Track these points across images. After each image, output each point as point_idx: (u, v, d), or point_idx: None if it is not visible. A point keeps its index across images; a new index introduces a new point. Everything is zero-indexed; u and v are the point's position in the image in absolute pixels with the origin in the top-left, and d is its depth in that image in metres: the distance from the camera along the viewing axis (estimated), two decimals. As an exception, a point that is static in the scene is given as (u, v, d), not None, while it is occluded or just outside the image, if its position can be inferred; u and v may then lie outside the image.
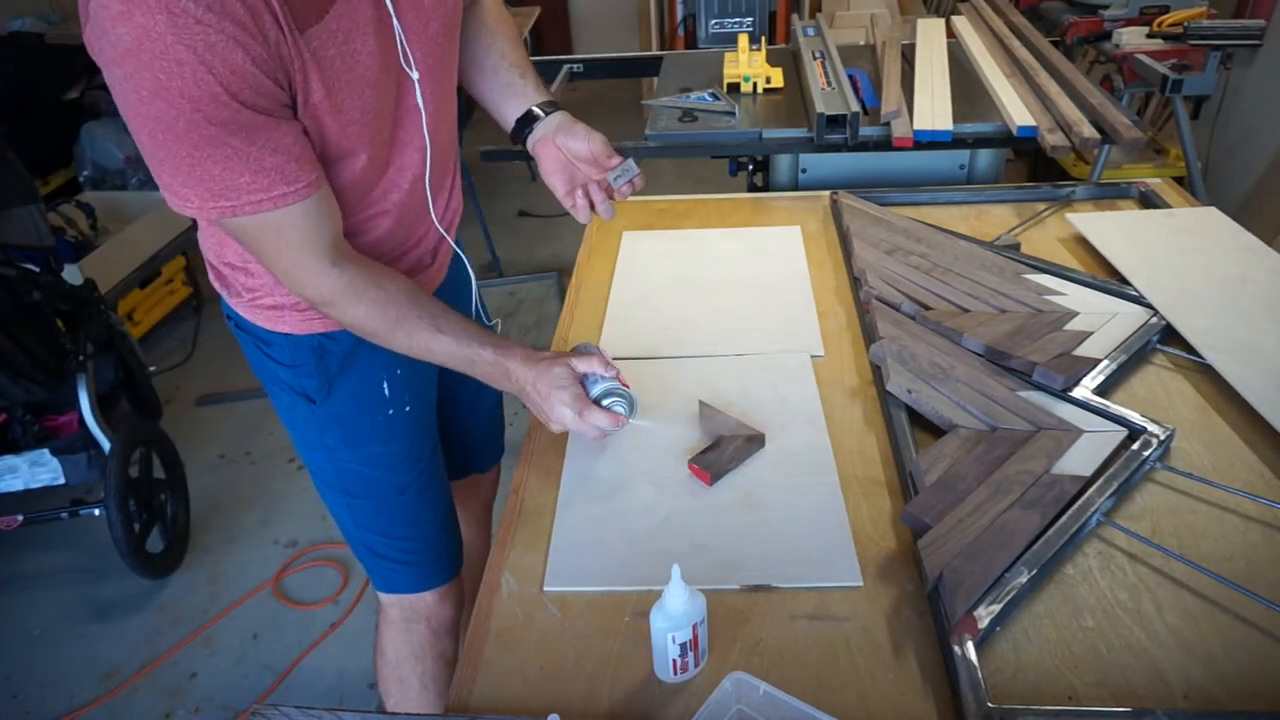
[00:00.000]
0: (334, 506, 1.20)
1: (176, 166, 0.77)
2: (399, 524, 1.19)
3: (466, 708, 0.79)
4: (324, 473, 1.16)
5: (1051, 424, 1.04)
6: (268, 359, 1.09)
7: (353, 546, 1.23)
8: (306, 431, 1.13)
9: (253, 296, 1.05)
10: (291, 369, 1.08)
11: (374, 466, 1.14)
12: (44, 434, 2.08)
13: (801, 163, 1.88)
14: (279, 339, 1.07)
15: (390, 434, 1.14)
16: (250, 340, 1.10)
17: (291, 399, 1.10)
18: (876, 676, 0.79)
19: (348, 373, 1.08)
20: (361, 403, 1.11)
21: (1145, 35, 2.43)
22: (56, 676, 1.97)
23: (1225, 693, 0.76)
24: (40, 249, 2.06)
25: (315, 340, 1.06)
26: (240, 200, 0.81)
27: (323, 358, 1.07)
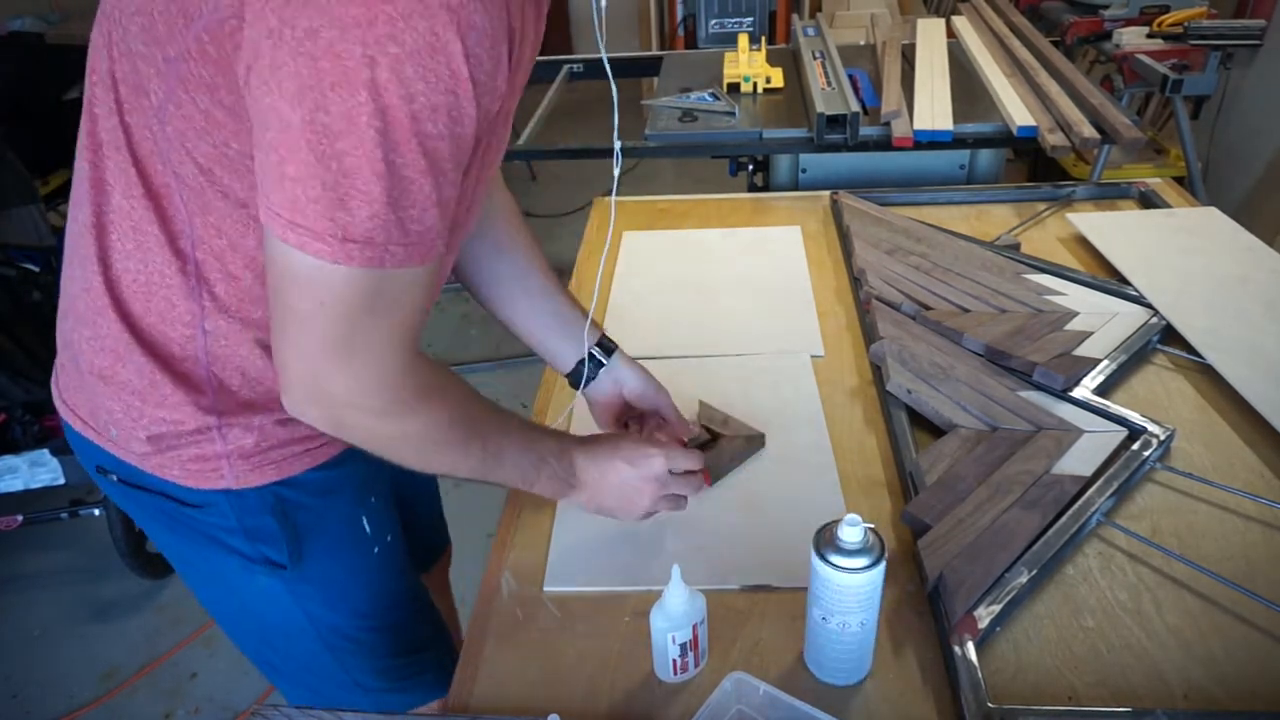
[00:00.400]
0: (306, 667, 0.96)
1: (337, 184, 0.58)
2: (396, 655, 1.00)
3: (466, 708, 0.79)
4: (299, 638, 0.93)
5: (1051, 424, 1.04)
6: (195, 524, 0.83)
7: (328, 695, 0.99)
8: (268, 602, 0.89)
9: (161, 440, 0.78)
10: (240, 533, 0.84)
11: (364, 615, 0.95)
12: (44, 434, 2.08)
13: (801, 163, 1.88)
14: (215, 498, 0.81)
15: (380, 575, 0.96)
16: (156, 502, 0.82)
17: (241, 567, 0.85)
18: (876, 676, 0.79)
19: (321, 522, 0.87)
20: (343, 551, 0.91)
21: (1145, 35, 2.43)
22: (56, 676, 1.97)
23: (1225, 693, 0.76)
24: (40, 249, 2.06)
25: (269, 494, 0.82)
26: (390, 247, 0.61)
27: (284, 513, 0.84)
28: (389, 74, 0.55)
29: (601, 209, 1.73)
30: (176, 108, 0.65)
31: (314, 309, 0.63)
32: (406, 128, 0.58)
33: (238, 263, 0.73)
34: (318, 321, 0.64)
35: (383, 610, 0.97)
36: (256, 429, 0.80)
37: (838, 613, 0.73)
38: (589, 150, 1.99)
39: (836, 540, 0.71)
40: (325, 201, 0.58)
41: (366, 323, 0.65)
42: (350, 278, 0.62)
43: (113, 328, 0.76)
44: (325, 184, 0.58)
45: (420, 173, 0.60)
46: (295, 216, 0.59)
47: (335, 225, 0.59)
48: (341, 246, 0.60)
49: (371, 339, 0.66)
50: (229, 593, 0.91)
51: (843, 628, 0.74)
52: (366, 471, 0.92)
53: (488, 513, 1.25)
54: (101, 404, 0.80)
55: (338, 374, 0.67)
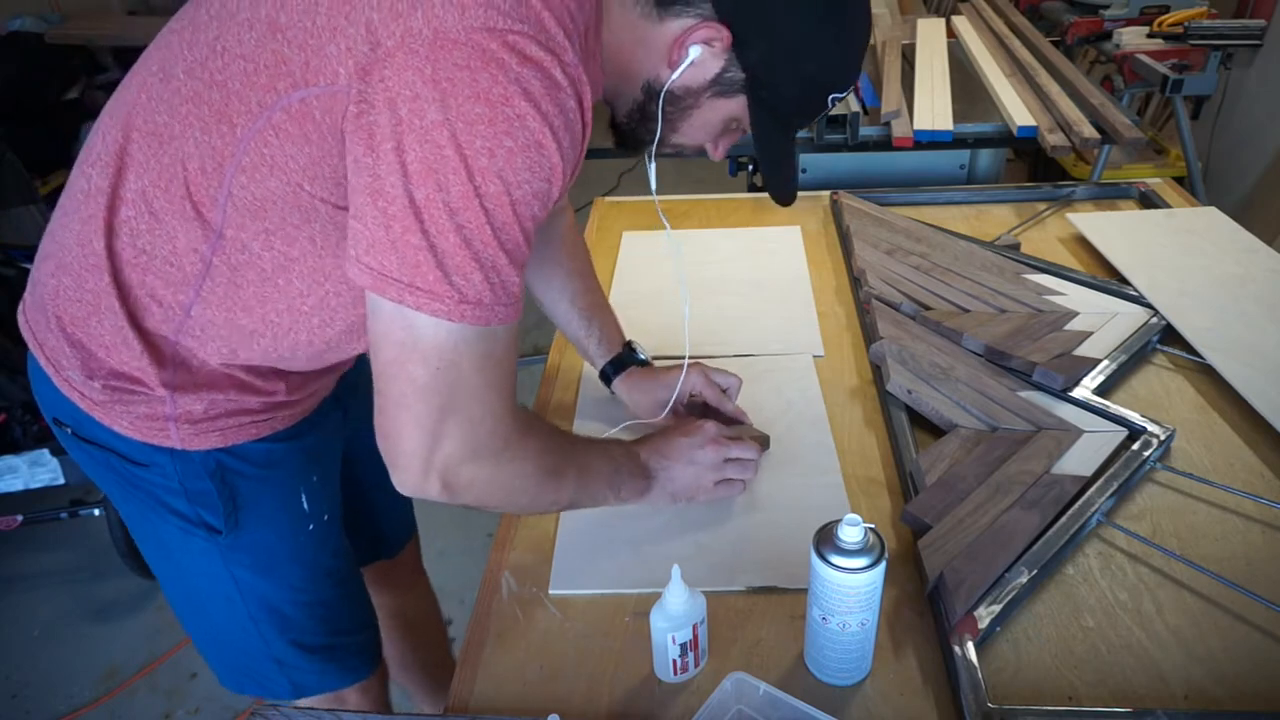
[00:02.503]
0: (227, 636, 0.99)
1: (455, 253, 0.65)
2: (319, 635, 1.01)
3: (466, 708, 0.79)
4: (229, 604, 0.95)
5: (1051, 424, 1.04)
6: (140, 482, 0.87)
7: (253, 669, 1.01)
8: (203, 567, 0.92)
9: (115, 393, 0.81)
10: (181, 494, 0.87)
11: (293, 589, 0.97)
12: (44, 434, 2.08)
13: (801, 163, 1.88)
14: (159, 457, 0.84)
15: (313, 551, 0.98)
16: (106, 458, 0.86)
17: (177, 528, 0.89)
18: (876, 676, 0.79)
19: (260, 492, 0.90)
20: (278, 523, 0.93)
21: (1145, 35, 2.43)
22: (56, 676, 1.97)
23: (1225, 693, 0.76)
24: (40, 249, 2.06)
25: (212, 459, 0.86)
26: (496, 308, 0.68)
27: (224, 479, 0.87)
28: (504, 164, 0.64)
29: (602, 209, 1.73)
30: (261, 147, 0.69)
31: (430, 371, 0.69)
32: (510, 210, 0.66)
33: (252, 279, 0.77)
34: (434, 381, 0.69)
35: (311, 586, 0.99)
36: (206, 399, 0.84)
37: (838, 613, 0.73)
38: (589, 150, 1.99)
39: (836, 540, 0.71)
40: (439, 265, 0.65)
41: (476, 381, 0.71)
42: (465, 337, 0.68)
43: (100, 284, 0.78)
44: (443, 253, 0.65)
45: (518, 245, 0.68)
46: (416, 280, 0.65)
47: (453, 289, 0.66)
48: (458, 307, 0.66)
49: (481, 396, 0.72)
50: (167, 555, 0.94)
51: (843, 628, 0.74)
52: (312, 449, 0.95)
53: (488, 513, 1.25)
54: (63, 347, 0.82)
55: (451, 436, 0.72)
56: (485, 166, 0.63)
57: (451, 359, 0.69)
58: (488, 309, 0.68)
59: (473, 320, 0.67)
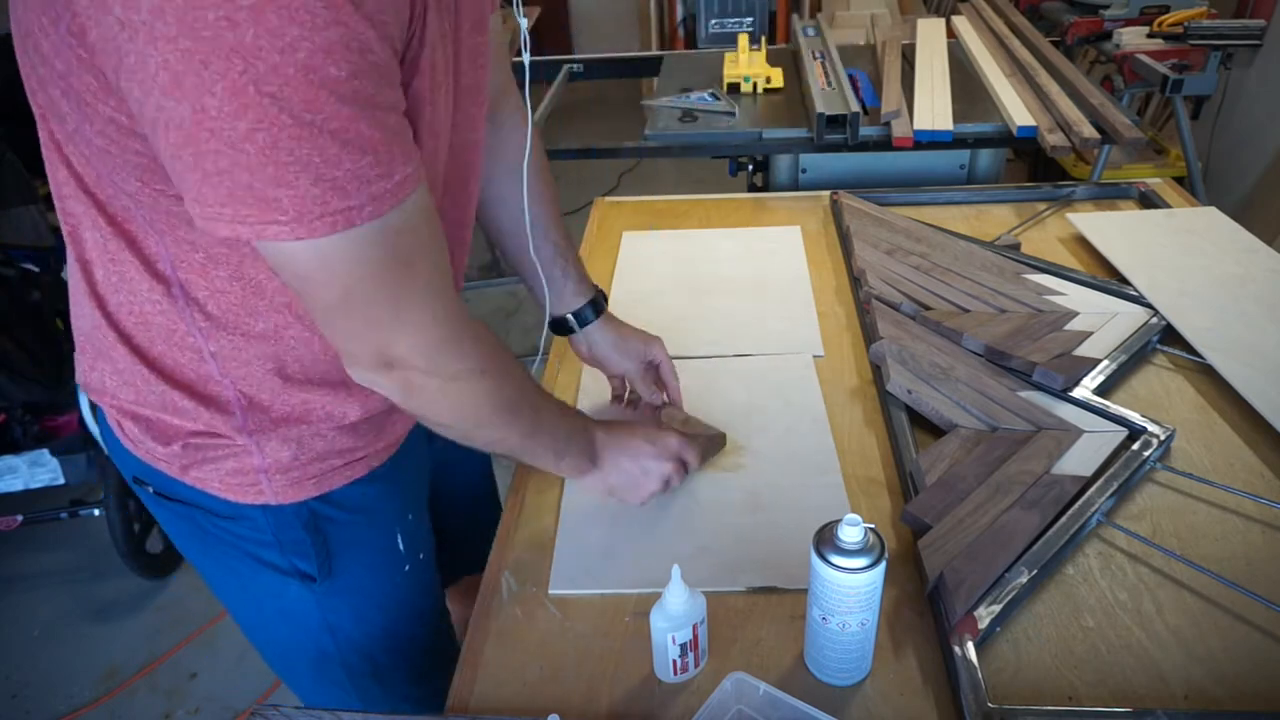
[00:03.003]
0: (323, 692, 0.96)
1: (266, 162, 0.53)
2: (410, 683, 0.99)
3: (466, 708, 0.79)
4: (322, 658, 0.91)
5: (1051, 424, 1.04)
6: (228, 536, 0.83)
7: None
8: (298, 615, 0.88)
9: (200, 452, 0.77)
10: (275, 545, 0.83)
11: (388, 635, 0.94)
12: (44, 434, 2.08)
13: (801, 163, 1.88)
14: (250, 512, 0.80)
15: (409, 592, 0.95)
16: (190, 514, 0.82)
17: (270, 580, 0.85)
18: (876, 676, 0.79)
19: (354, 537, 0.87)
20: (375, 568, 0.90)
21: (1145, 35, 2.43)
22: (56, 676, 1.97)
23: (1225, 693, 0.76)
24: (40, 249, 2.06)
25: (305, 509, 0.82)
26: (360, 197, 0.56)
27: (318, 528, 0.83)
28: (253, 29, 0.49)
29: (602, 209, 1.73)
30: (90, 125, 0.60)
31: (337, 294, 0.61)
32: (302, 81, 0.51)
33: (222, 276, 0.70)
34: (349, 301, 0.62)
35: (406, 628, 0.96)
36: (294, 440, 0.79)
37: (838, 613, 0.73)
38: (589, 150, 1.99)
39: (836, 540, 0.71)
40: (259, 185, 0.53)
41: (393, 279, 0.63)
42: (339, 247, 0.58)
43: (126, 362, 0.75)
44: (250, 169, 0.53)
45: (349, 120, 0.54)
46: (242, 212, 0.55)
47: (280, 204, 0.54)
48: (300, 222, 0.55)
49: (414, 300, 0.65)
50: (257, 605, 0.90)
51: (843, 628, 0.74)
52: (405, 487, 0.93)
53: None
54: (131, 427, 0.79)
55: (395, 337, 0.66)
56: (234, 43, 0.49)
57: (348, 274, 0.60)
58: (347, 211, 0.56)
59: (339, 227, 0.56)
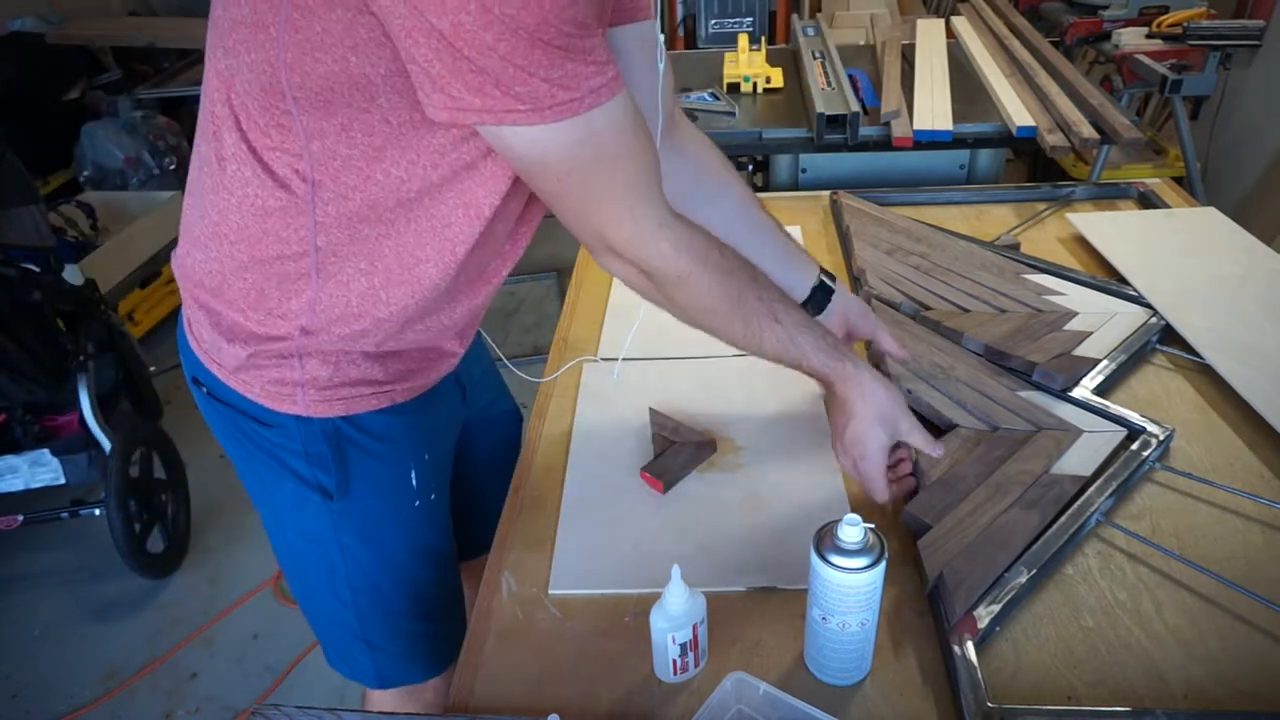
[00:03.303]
0: (326, 607, 1.02)
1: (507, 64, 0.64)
2: (410, 618, 1.03)
3: (466, 708, 0.79)
4: (330, 572, 0.98)
5: (1051, 424, 1.04)
6: (264, 443, 0.91)
7: (342, 646, 1.05)
8: (315, 529, 0.95)
9: (251, 358, 0.86)
10: (302, 456, 0.90)
11: (394, 564, 1.00)
12: (44, 434, 2.08)
13: (801, 163, 1.88)
14: (286, 420, 0.88)
15: (416, 527, 1.00)
16: (235, 418, 0.91)
17: (295, 490, 0.92)
18: (876, 676, 0.79)
19: (372, 463, 0.92)
20: (387, 495, 0.96)
21: (1145, 35, 2.44)
22: (56, 676, 1.97)
23: (1225, 693, 0.76)
24: (41, 249, 2.06)
25: (331, 426, 0.89)
26: (580, 90, 0.68)
27: (339, 447, 0.90)
28: None
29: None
30: (294, 33, 0.68)
31: (557, 185, 0.73)
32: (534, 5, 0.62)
33: (350, 181, 0.76)
34: (567, 193, 0.74)
35: (409, 562, 1.01)
36: (333, 363, 0.86)
37: (838, 613, 0.73)
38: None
39: (836, 540, 0.71)
40: (506, 81, 0.65)
41: (602, 182, 0.74)
42: (560, 142, 0.69)
43: (228, 247, 0.81)
44: (497, 71, 0.64)
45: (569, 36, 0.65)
46: (489, 103, 0.66)
47: (521, 97, 0.66)
48: (536, 110, 0.66)
49: (615, 195, 0.75)
50: (282, 512, 0.97)
51: (843, 628, 0.74)
52: (427, 427, 0.97)
53: (488, 513, 1.26)
54: (203, 320, 0.87)
55: (611, 225, 0.77)
56: None
57: (563, 163, 0.71)
58: (566, 103, 0.67)
59: (556, 116, 0.68)
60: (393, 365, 0.89)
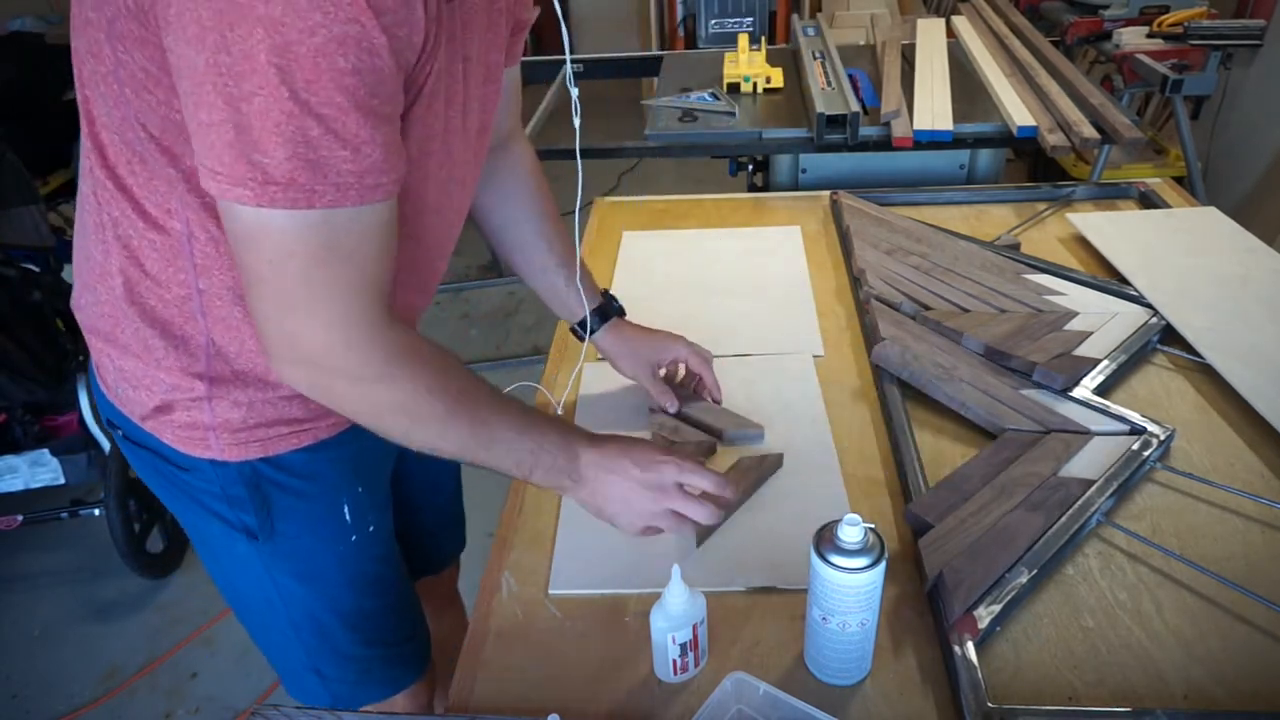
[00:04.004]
0: (273, 641, 0.99)
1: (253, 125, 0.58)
2: (360, 646, 0.99)
3: (466, 708, 0.79)
4: (270, 609, 0.94)
5: (1058, 424, 1.04)
6: (185, 486, 0.87)
7: (295, 677, 1.01)
8: (246, 570, 0.92)
9: (159, 405, 0.81)
10: (223, 499, 0.86)
11: (335, 599, 0.95)
12: (44, 434, 2.08)
13: (801, 163, 1.88)
14: (201, 464, 0.84)
15: (355, 560, 0.95)
16: (153, 460, 0.86)
17: (222, 531, 0.88)
18: (876, 676, 0.79)
19: (298, 502, 0.88)
20: (319, 533, 0.91)
21: (1145, 35, 2.44)
22: (56, 676, 1.97)
23: (1225, 693, 0.76)
24: (40, 249, 2.06)
25: (249, 468, 0.84)
26: (326, 183, 0.61)
27: (258, 488, 0.85)
28: (282, 7, 0.55)
29: (602, 209, 1.73)
30: (125, 72, 0.65)
31: (265, 265, 0.64)
32: (310, 63, 0.57)
33: (214, 224, 0.73)
34: (273, 277, 0.65)
35: (352, 596, 0.96)
36: (245, 405, 0.82)
37: (838, 613, 0.73)
38: (589, 150, 1.99)
39: (836, 540, 0.71)
40: (241, 145, 0.59)
41: (321, 274, 0.65)
42: (287, 224, 0.62)
43: (112, 293, 0.78)
44: (238, 127, 0.58)
45: (339, 109, 0.59)
46: (216, 165, 0.60)
47: (254, 168, 0.59)
48: (264, 190, 0.60)
49: (332, 291, 0.66)
50: (215, 557, 0.95)
51: (843, 628, 0.74)
52: (356, 459, 0.92)
53: (488, 513, 1.26)
54: (106, 363, 0.83)
55: (307, 332, 0.67)
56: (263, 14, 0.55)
57: (279, 249, 0.63)
58: (304, 190, 0.60)
59: (287, 204, 0.60)
60: (314, 401, 0.81)
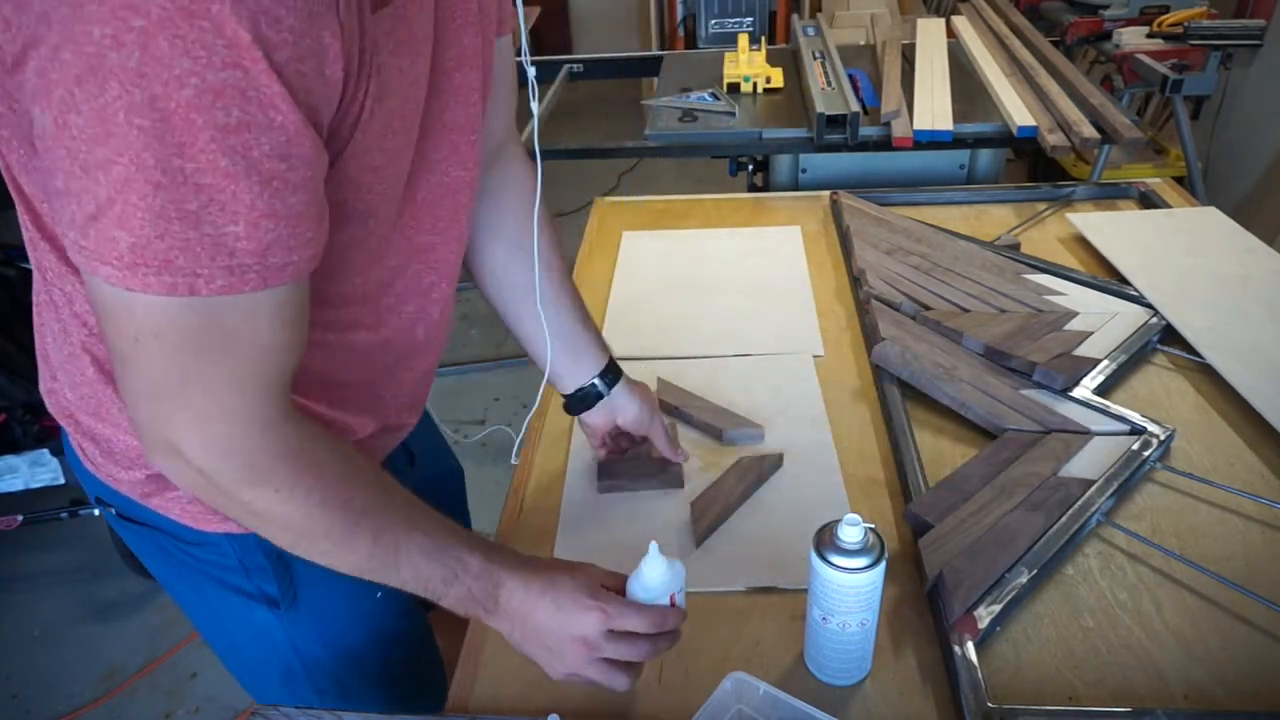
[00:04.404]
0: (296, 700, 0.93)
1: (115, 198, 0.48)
2: (384, 701, 0.96)
3: (466, 708, 0.79)
4: (289, 677, 0.90)
5: (1058, 424, 1.04)
6: (194, 562, 0.81)
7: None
8: (263, 640, 0.86)
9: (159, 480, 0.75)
10: (241, 571, 0.81)
11: (358, 659, 0.91)
12: (44, 434, 2.08)
13: (801, 163, 1.88)
14: (216, 538, 0.78)
15: (379, 616, 0.91)
16: (155, 537, 0.80)
17: (239, 604, 0.83)
18: (876, 676, 0.79)
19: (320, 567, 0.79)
20: (342, 594, 0.84)
21: (1145, 35, 2.43)
22: (56, 676, 1.97)
23: (1225, 693, 0.76)
24: (40, 249, 2.06)
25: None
26: (213, 267, 0.51)
27: (280, 556, 0.79)
28: (139, 53, 0.45)
29: (602, 209, 1.73)
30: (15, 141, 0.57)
31: (131, 346, 0.54)
32: (181, 121, 0.46)
33: None
34: (139, 361, 0.54)
35: (378, 653, 0.93)
36: None
37: (838, 613, 0.73)
38: (589, 150, 1.99)
39: (836, 540, 0.71)
40: (103, 220, 0.49)
41: (196, 366, 0.54)
42: (158, 309, 0.51)
43: (89, 375, 0.72)
44: (97, 200, 0.48)
45: (226, 177, 0.49)
46: (78, 237, 0.50)
47: (118, 246, 0.49)
48: (132, 272, 0.49)
49: (210, 386, 0.55)
50: (225, 627, 0.89)
51: (843, 628, 0.74)
52: None
53: (488, 512, 1.25)
54: (93, 449, 0.77)
55: (179, 422, 0.57)
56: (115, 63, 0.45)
57: (148, 333, 0.53)
58: (185, 274, 0.50)
59: (162, 289, 0.50)
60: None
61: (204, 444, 0.58)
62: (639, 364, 1.24)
